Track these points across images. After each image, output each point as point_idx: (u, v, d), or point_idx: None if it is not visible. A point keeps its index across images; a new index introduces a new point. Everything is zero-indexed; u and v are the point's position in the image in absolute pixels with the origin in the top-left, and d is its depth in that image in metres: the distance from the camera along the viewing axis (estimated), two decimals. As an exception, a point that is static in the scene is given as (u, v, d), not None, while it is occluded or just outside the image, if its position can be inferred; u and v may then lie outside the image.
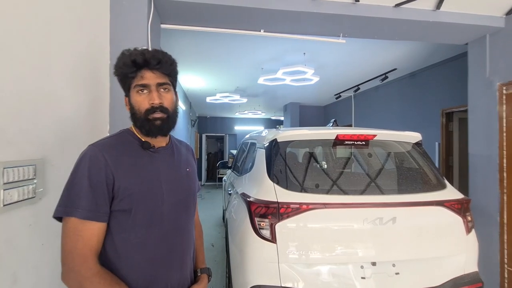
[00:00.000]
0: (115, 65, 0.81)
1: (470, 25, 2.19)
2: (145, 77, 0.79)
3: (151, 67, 0.78)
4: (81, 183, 0.72)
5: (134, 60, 0.77)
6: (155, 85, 0.80)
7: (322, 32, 2.36)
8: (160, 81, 0.80)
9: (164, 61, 0.80)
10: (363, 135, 1.62)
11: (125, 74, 0.80)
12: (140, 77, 0.79)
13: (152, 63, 0.78)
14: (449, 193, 1.60)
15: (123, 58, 0.79)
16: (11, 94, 0.86)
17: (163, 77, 0.81)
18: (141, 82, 0.79)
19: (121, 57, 0.80)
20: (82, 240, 0.70)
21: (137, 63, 0.77)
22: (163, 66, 0.80)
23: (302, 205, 1.39)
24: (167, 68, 0.81)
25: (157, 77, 0.80)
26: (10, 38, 0.86)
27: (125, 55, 0.79)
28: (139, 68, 0.78)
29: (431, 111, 4.03)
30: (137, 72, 0.79)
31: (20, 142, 0.89)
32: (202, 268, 1.00)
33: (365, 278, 1.38)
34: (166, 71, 0.81)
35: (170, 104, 0.83)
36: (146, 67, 0.78)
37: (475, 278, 1.49)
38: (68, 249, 0.69)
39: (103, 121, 1.57)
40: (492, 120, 2.31)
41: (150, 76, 0.79)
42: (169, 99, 0.83)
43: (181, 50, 3.55)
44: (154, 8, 1.81)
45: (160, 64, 0.79)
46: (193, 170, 0.97)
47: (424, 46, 3.39)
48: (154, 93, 0.80)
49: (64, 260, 0.70)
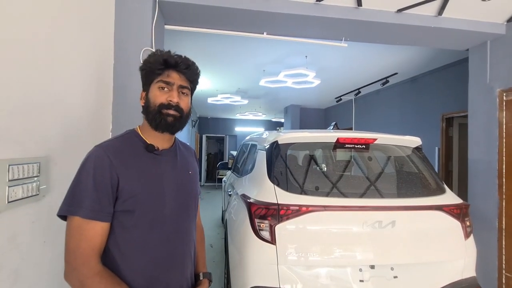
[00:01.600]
0: (145, 60, 0.85)
1: (472, 32, 2.21)
2: (171, 76, 0.83)
3: (178, 69, 0.83)
4: (86, 183, 0.73)
5: (166, 59, 0.82)
6: (177, 85, 0.84)
7: (324, 36, 2.38)
8: (183, 84, 0.85)
9: (192, 68, 0.86)
10: (364, 138, 1.63)
11: (152, 69, 0.83)
12: (166, 75, 0.83)
13: (181, 66, 0.83)
14: (448, 198, 1.60)
15: (155, 56, 0.84)
16: (17, 93, 0.87)
17: (186, 82, 0.86)
18: (166, 79, 0.83)
19: (152, 55, 0.85)
20: (85, 239, 0.71)
21: (168, 62, 0.82)
22: (190, 71, 0.85)
23: (302, 207, 1.40)
24: (192, 74, 0.87)
25: (181, 79, 0.85)
26: (16, 38, 0.87)
27: (157, 54, 0.84)
28: (167, 68, 0.83)
29: (432, 116, 4.05)
30: (165, 70, 0.83)
31: (25, 140, 0.90)
32: (204, 272, 1.00)
33: (363, 281, 1.39)
34: (191, 77, 0.87)
35: (185, 107, 0.87)
36: (174, 68, 0.83)
37: (473, 283, 1.50)
38: (72, 248, 0.70)
39: (106, 120, 1.58)
40: (492, 126, 2.33)
41: (176, 77, 0.84)
42: (185, 102, 0.87)
43: (184, 51, 3.54)
44: (158, 9, 1.83)
45: (188, 69, 0.85)
46: (195, 173, 0.99)
47: (425, 51, 3.40)
48: (174, 92, 0.84)
49: (67, 258, 0.71)
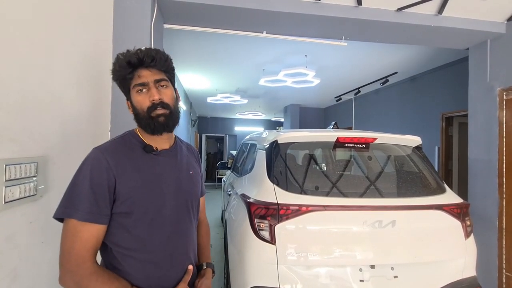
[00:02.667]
0: (112, 70, 0.82)
1: (472, 30, 2.21)
2: (142, 76, 0.80)
3: (146, 65, 0.79)
4: (82, 185, 0.72)
5: (129, 61, 0.78)
6: (152, 82, 0.81)
7: (324, 35, 2.37)
8: (157, 78, 0.81)
9: (158, 58, 0.80)
10: (364, 138, 1.63)
11: (122, 76, 0.80)
12: (137, 77, 0.80)
13: (146, 61, 0.79)
14: (449, 197, 1.60)
15: (118, 62, 0.80)
16: (15, 92, 0.86)
17: (159, 74, 0.82)
18: (139, 81, 0.80)
19: (116, 61, 0.81)
20: (80, 241, 0.70)
21: (132, 63, 0.78)
22: (157, 62, 0.80)
23: (301, 207, 1.40)
24: (162, 64, 0.82)
25: (153, 74, 0.81)
26: (15, 37, 0.86)
27: (120, 58, 0.80)
28: (135, 68, 0.79)
29: (431, 115, 4.04)
30: (134, 72, 0.80)
31: (22, 139, 0.90)
32: (207, 262, 1.00)
33: (363, 281, 1.38)
34: (162, 67, 0.82)
35: (170, 100, 0.83)
36: (141, 66, 0.79)
37: (473, 282, 1.50)
38: (66, 250, 0.70)
39: (105, 120, 1.58)
40: (492, 125, 2.32)
41: (147, 74, 0.80)
42: (168, 95, 0.83)
43: (183, 50, 3.56)
44: (157, 8, 1.82)
45: (154, 61, 0.80)
46: (196, 173, 0.97)
47: (425, 50, 3.40)
48: (153, 89, 0.80)
49: (62, 261, 0.70)
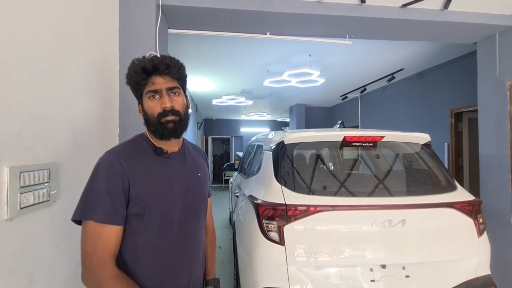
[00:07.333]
0: (127, 74, 0.84)
1: (479, 24, 2.16)
2: (155, 83, 0.81)
3: (160, 73, 0.81)
4: (98, 188, 0.74)
5: (144, 67, 0.80)
6: (165, 89, 0.82)
7: (328, 34, 2.36)
8: (170, 86, 0.83)
9: (172, 66, 0.82)
10: (371, 136, 1.61)
11: (136, 82, 0.82)
12: (151, 83, 0.82)
13: (161, 69, 0.80)
14: (460, 194, 1.57)
15: (133, 67, 0.82)
16: (27, 100, 0.89)
17: (172, 81, 0.84)
18: (152, 88, 0.82)
19: (131, 66, 0.83)
20: (101, 243, 0.72)
21: (147, 69, 0.80)
22: (172, 70, 0.82)
23: (310, 207, 1.39)
24: (175, 72, 0.83)
25: (166, 81, 0.82)
26: (25, 44, 0.89)
27: (135, 63, 0.82)
28: (149, 75, 0.81)
29: (440, 111, 3.97)
30: (148, 78, 0.81)
31: (35, 147, 0.92)
32: (209, 279, 0.99)
33: (374, 280, 1.37)
34: (175, 75, 0.84)
35: (181, 107, 0.85)
36: (155, 73, 0.81)
37: (488, 281, 1.46)
38: (89, 252, 0.72)
39: (113, 125, 1.60)
40: (503, 120, 2.27)
41: (160, 81, 0.82)
42: (180, 102, 0.85)
43: (187, 54, 3.59)
44: (162, 13, 1.84)
45: (168, 69, 0.81)
46: (204, 174, 0.99)
47: (432, 46, 3.35)
48: (165, 97, 0.82)
49: (84, 261, 0.72)
